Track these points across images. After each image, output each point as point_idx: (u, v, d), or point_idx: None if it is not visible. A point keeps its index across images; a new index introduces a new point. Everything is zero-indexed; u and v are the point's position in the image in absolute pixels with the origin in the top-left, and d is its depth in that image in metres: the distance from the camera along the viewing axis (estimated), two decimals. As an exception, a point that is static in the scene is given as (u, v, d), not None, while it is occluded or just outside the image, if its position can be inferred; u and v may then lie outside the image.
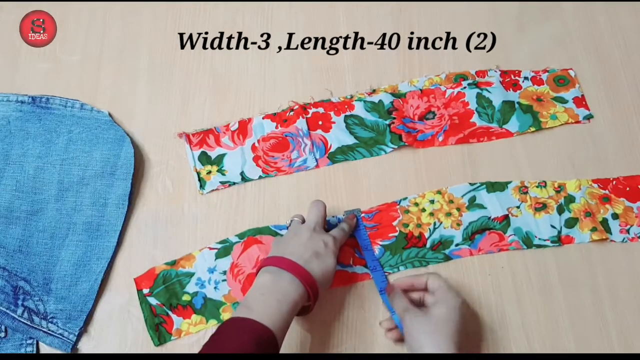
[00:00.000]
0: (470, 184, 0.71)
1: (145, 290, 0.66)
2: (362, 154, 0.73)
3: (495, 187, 0.71)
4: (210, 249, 0.68)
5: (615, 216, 0.70)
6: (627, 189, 0.71)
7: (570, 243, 0.68)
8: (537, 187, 0.71)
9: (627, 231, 0.69)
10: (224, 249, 0.68)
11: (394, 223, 0.69)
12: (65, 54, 0.79)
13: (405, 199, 0.70)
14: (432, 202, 0.70)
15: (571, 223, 0.69)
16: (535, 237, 0.68)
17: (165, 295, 0.66)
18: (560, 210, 0.70)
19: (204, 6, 0.82)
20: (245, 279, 0.67)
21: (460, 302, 0.59)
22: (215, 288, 0.67)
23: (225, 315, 0.66)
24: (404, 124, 0.74)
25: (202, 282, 0.67)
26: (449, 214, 0.70)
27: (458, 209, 0.70)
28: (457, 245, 0.68)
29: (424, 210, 0.70)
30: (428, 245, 0.68)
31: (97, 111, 0.73)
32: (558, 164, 0.73)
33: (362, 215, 0.70)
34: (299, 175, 0.72)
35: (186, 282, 0.67)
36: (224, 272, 0.67)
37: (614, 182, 0.71)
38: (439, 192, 0.71)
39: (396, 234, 0.69)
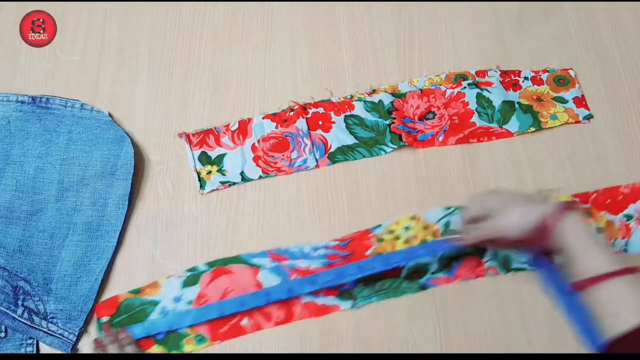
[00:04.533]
0: (444, 208, 0.69)
1: (105, 319, 0.65)
2: (362, 154, 0.73)
3: None
4: (178, 277, 0.67)
5: (599, 230, 0.68)
6: (608, 201, 0.70)
7: None
8: None
9: (612, 245, 0.68)
10: (192, 278, 0.66)
11: (367, 252, 0.67)
12: (65, 54, 0.79)
13: (379, 226, 0.69)
14: (406, 229, 0.69)
15: None
16: (514, 260, 0.67)
17: (127, 324, 0.64)
18: None
19: (204, 6, 0.82)
20: None
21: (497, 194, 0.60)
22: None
23: (188, 348, 0.64)
24: (404, 124, 0.74)
25: (167, 311, 0.65)
26: (424, 241, 0.68)
27: (433, 235, 0.68)
28: (433, 273, 0.67)
29: (398, 238, 0.68)
30: (403, 274, 0.66)
31: (97, 111, 0.73)
32: (558, 164, 0.73)
33: (336, 243, 0.68)
34: (299, 175, 0.72)
35: (150, 311, 0.65)
36: (190, 302, 0.65)
37: (594, 196, 0.70)
38: (413, 218, 0.69)
39: None
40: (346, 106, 0.75)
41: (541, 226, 0.56)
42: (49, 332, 0.64)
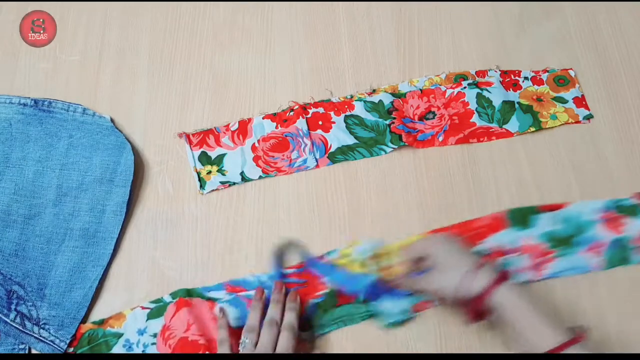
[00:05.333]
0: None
1: (70, 349, 0.64)
2: (362, 154, 0.73)
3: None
4: (143, 308, 0.65)
5: None
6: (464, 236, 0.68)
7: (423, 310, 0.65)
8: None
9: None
10: (157, 310, 0.65)
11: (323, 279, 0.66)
12: (65, 54, 0.79)
13: (334, 251, 0.67)
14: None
15: None
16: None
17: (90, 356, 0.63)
18: None
19: (204, 6, 0.82)
20: (176, 343, 0.63)
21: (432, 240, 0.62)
22: (143, 352, 0.63)
23: None
24: (404, 124, 0.74)
25: (130, 344, 0.64)
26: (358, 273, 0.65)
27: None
28: None
29: (353, 261, 0.66)
30: (360, 298, 0.64)
31: (99, 116, 0.73)
32: (558, 164, 0.73)
33: (292, 270, 0.66)
34: (299, 175, 0.72)
35: (113, 344, 0.64)
36: (155, 335, 0.64)
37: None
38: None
39: (326, 290, 0.65)
40: (346, 106, 0.75)
41: (476, 296, 0.55)
42: (41, 338, 0.64)
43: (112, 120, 0.74)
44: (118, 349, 0.64)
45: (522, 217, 0.69)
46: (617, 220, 0.69)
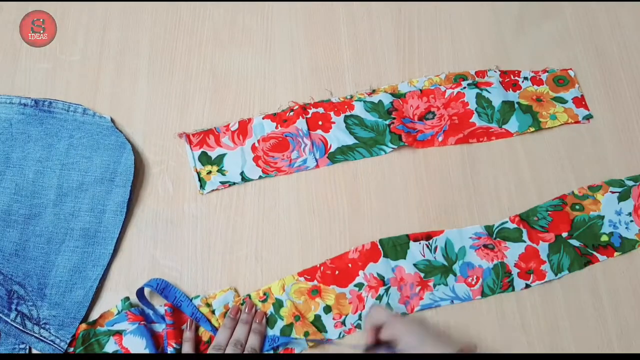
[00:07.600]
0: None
1: (70, 349, 0.64)
2: (362, 154, 0.73)
3: None
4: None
5: (327, 309, 0.65)
6: (336, 272, 0.67)
7: (291, 352, 0.64)
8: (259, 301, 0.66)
9: (343, 323, 0.65)
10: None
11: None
12: (65, 54, 0.79)
13: (197, 297, 0.66)
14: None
15: (286, 332, 0.64)
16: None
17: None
18: (272, 322, 0.65)
19: (204, 6, 0.82)
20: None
21: (409, 321, 0.58)
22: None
23: None
24: (404, 124, 0.74)
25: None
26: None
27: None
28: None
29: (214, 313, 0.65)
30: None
31: (100, 116, 0.73)
32: (558, 164, 0.73)
33: (165, 308, 0.64)
34: (299, 175, 0.72)
35: (105, 342, 0.64)
36: None
37: (322, 269, 0.67)
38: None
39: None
40: (346, 106, 0.75)
41: None
42: (41, 338, 0.64)
43: (112, 121, 0.74)
44: (110, 346, 0.64)
45: (393, 247, 0.68)
46: (498, 246, 0.68)
